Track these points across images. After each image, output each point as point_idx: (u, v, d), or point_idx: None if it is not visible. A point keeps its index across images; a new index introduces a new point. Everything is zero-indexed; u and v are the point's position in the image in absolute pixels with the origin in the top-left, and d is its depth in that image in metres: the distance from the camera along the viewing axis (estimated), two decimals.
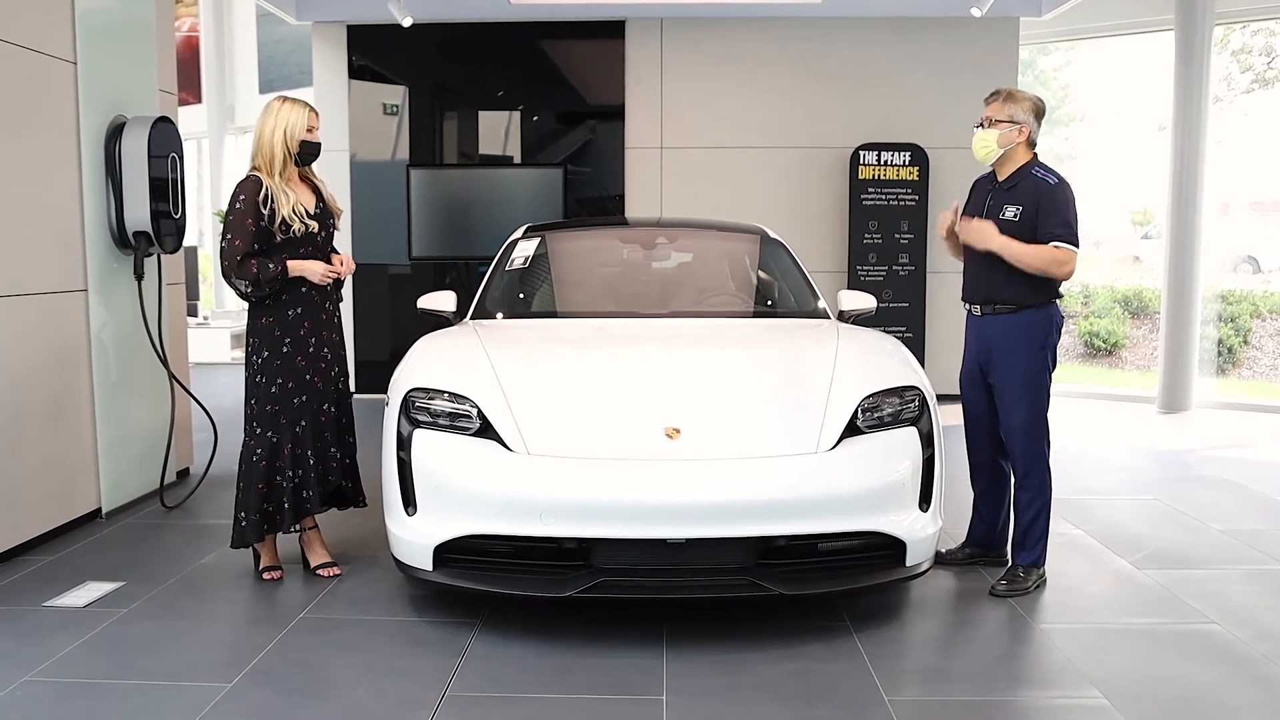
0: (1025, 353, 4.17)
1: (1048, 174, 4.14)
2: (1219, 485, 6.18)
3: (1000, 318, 4.21)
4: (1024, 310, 4.16)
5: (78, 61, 5.09)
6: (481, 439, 3.77)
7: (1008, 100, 4.17)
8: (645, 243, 5.70)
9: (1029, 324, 4.16)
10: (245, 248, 4.15)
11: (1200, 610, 4.00)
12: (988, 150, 4.18)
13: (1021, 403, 4.18)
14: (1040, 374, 4.18)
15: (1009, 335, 4.19)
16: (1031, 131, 4.17)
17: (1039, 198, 4.09)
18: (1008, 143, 4.15)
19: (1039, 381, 4.18)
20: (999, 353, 4.22)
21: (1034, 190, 4.11)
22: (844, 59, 9.16)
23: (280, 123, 4.24)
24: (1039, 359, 4.17)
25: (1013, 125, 4.14)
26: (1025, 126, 4.15)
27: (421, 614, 3.96)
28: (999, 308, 4.20)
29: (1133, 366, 11.00)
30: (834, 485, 3.63)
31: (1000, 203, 4.19)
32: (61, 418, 4.98)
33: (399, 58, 9.39)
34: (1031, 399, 4.18)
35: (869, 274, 8.97)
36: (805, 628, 3.77)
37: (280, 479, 4.26)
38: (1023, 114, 4.15)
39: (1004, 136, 4.15)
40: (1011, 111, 4.15)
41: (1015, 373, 4.18)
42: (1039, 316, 4.16)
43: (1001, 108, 4.17)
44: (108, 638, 3.72)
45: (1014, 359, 4.18)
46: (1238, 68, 11.34)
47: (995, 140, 4.15)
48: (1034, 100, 4.20)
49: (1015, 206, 4.13)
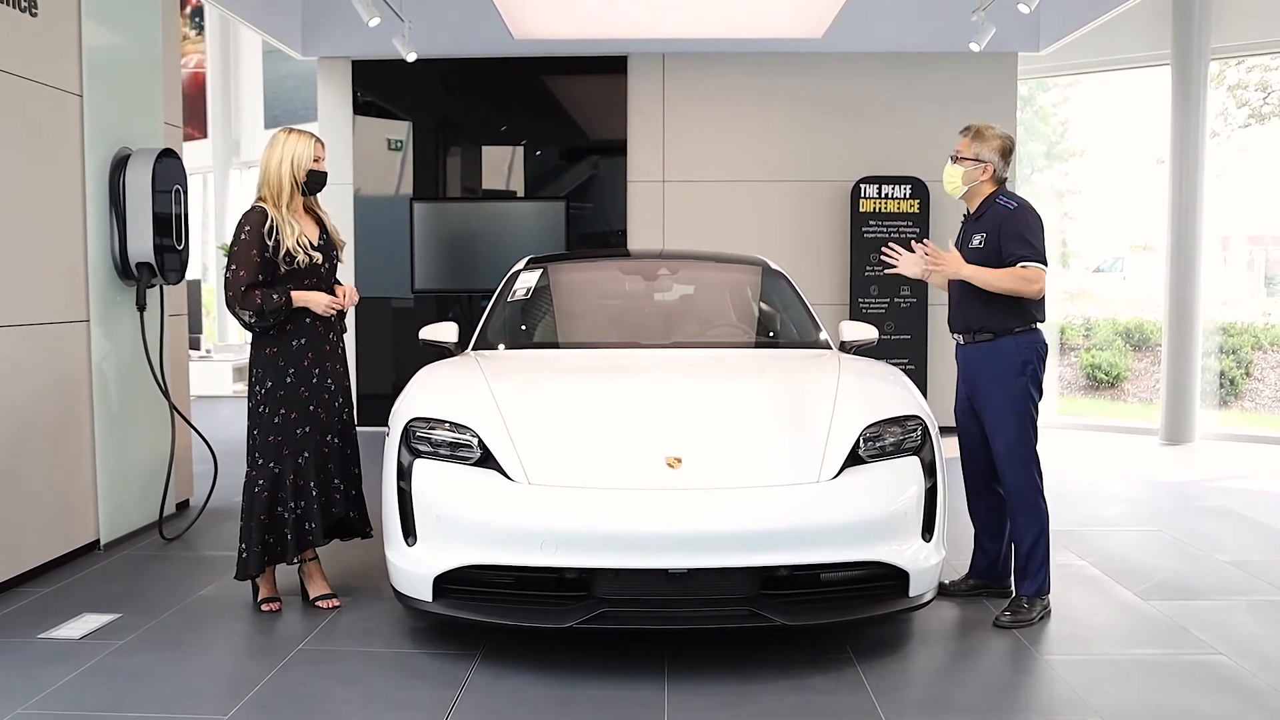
0: (1006, 379, 4.20)
1: (1009, 200, 4.26)
2: (1223, 516, 6.15)
3: (980, 345, 4.27)
4: (1002, 337, 4.21)
5: (84, 94, 5.14)
6: (482, 469, 3.76)
7: (975, 138, 4.29)
8: (647, 274, 5.71)
9: (1008, 350, 4.20)
10: (250, 278, 4.16)
11: (1206, 641, 3.97)
12: (954, 186, 4.34)
13: (1006, 428, 4.20)
14: (1022, 400, 4.20)
15: (989, 362, 4.24)
16: (996, 169, 4.28)
17: (1000, 223, 4.19)
18: (971, 180, 4.29)
19: (1022, 407, 4.20)
20: (981, 380, 4.28)
21: (995, 216, 4.23)
22: (845, 93, 9.24)
23: (287, 153, 4.27)
24: (1019, 385, 4.20)
25: (977, 163, 4.27)
26: (990, 165, 4.27)
27: (421, 646, 3.93)
28: (979, 335, 4.27)
29: (1135, 399, 10.97)
30: (836, 514, 3.61)
31: (969, 233, 4.34)
32: (61, 448, 4.98)
33: (403, 92, 9.46)
34: (1015, 424, 4.19)
35: (871, 306, 8.99)
36: (808, 659, 3.74)
37: (282, 510, 4.25)
38: (988, 153, 4.26)
39: (968, 174, 4.28)
40: (978, 150, 4.27)
41: (997, 399, 4.22)
42: (1018, 343, 4.20)
43: (969, 145, 4.29)
44: (103, 669, 3.69)
45: (995, 385, 4.22)
46: (1234, 103, 11.40)
47: (960, 177, 4.30)
48: (1002, 138, 4.29)
49: (981, 234, 4.25)
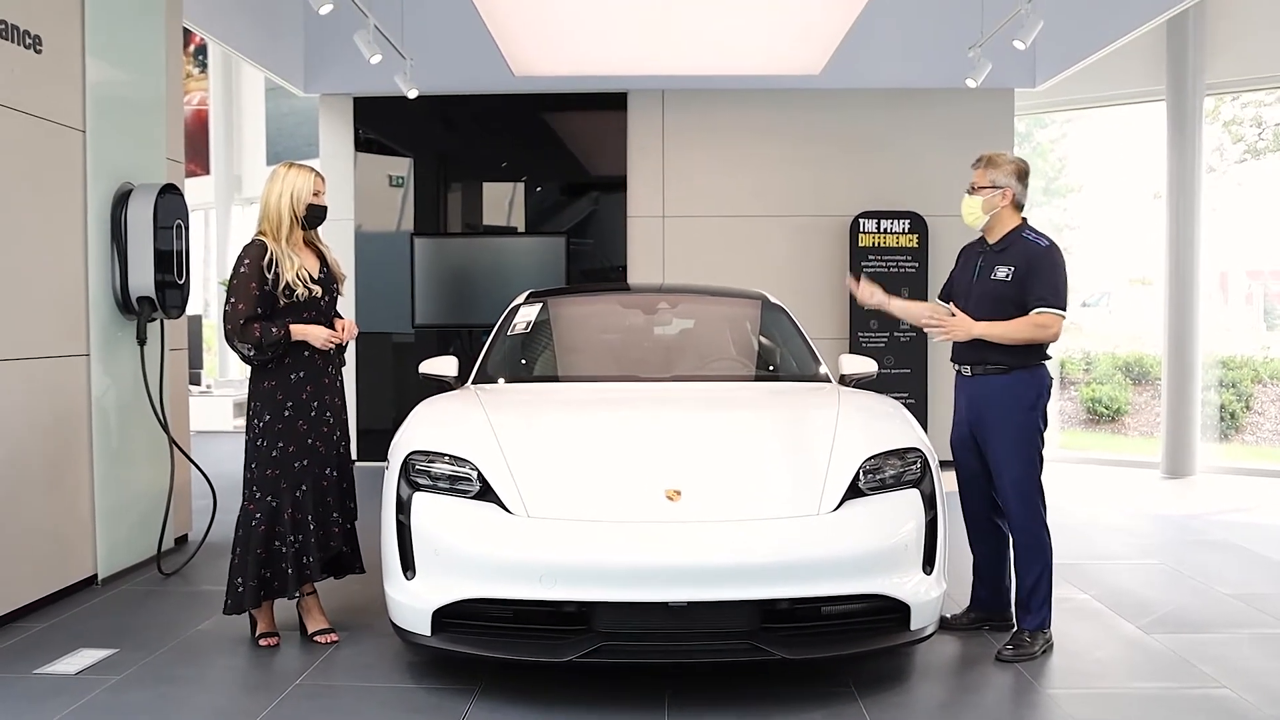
0: (1016, 413, 4.18)
1: (1039, 237, 4.22)
2: (1225, 549, 6.13)
3: (990, 378, 4.23)
4: (1014, 371, 4.18)
5: (87, 130, 5.17)
6: (481, 501, 3.74)
7: (989, 166, 4.27)
8: (646, 308, 5.72)
9: (1019, 384, 4.18)
10: (249, 311, 4.17)
11: (1210, 675, 3.94)
12: (975, 216, 4.29)
13: (1014, 462, 4.18)
14: (1031, 434, 4.19)
15: (999, 396, 4.21)
16: (1016, 194, 4.25)
17: (1031, 259, 4.16)
18: (991, 208, 4.24)
19: (1030, 441, 4.18)
20: (990, 413, 4.24)
21: (1026, 252, 4.18)
22: (843, 129, 9.30)
23: (287, 187, 4.29)
24: (1029, 419, 4.18)
25: (995, 190, 4.23)
26: (1008, 189, 4.23)
27: (419, 680, 3.90)
28: (990, 368, 4.23)
29: (1135, 433, 10.96)
30: (836, 547, 3.59)
31: (991, 264, 4.26)
32: (60, 482, 4.96)
33: (404, 129, 9.52)
34: (1023, 459, 4.18)
35: (870, 340, 9.00)
36: (809, 693, 3.71)
37: (280, 544, 4.23)
38: (1004, 177, 4.23)
39: (987, 202, 4.24)
40: (993, 176, 4.24)
41: (1006, 433, 4.19)
42: (1029, 377, 4.19)
43: (984, 174, 4.27)
44: (99, 705, 3.66)
45: (1005, 419, 4.20)
46: (1230, 138, 11.47)
47: (980, 206, 4.25)
48: (1016, 163, 4.28)
49: (1007, 267, 4.20)
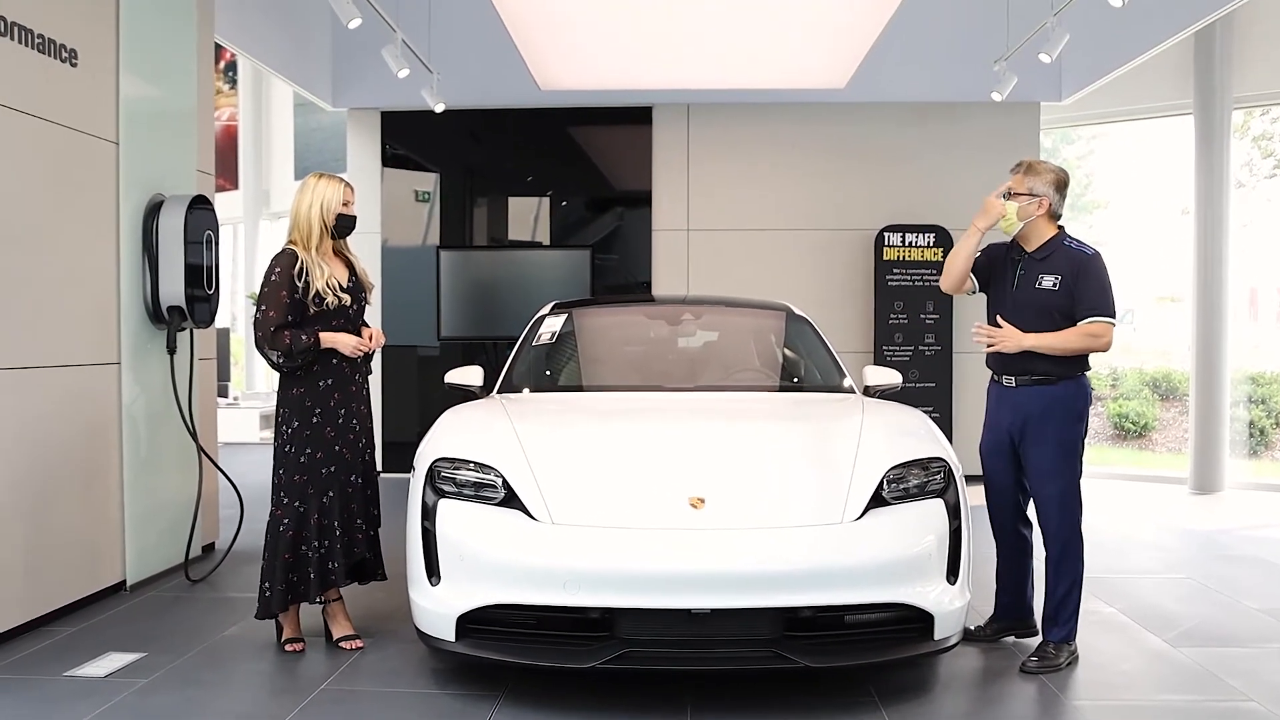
0: (1064, 424, 4.13)
1: (1083, 245, 4.18)
2: (1253, 564, 6.07)
3: (1037, 389, 4.16)
4: (1062, 381, 4.13)
5: (120, 142, 5.25)
6: (506, 508, 3.76)
7: (1028, 173, 4.21)
8: (671, 319, 5.75)
9: (1067, 395, 4.13)
10: (279, 319, 4.22)
11: (1237, 688, 3.90)
12: (1010, 223, 4.21)
13: (1059, 474, 4.13)
14: (1076, 444, 4.15)
15: (1048, 407, 4.14)
16: (1053, 204, 4.19)
17: (1077, 267, 4.10)
18: (1026, 216, 4.18)
19: (1074, 452, 4.15)
20: (1035, 424, 4.16)
21: (1071, 260, 4.13)
22: (868, 142, 9.31)
23: (317, 197, 4.35)
24: (1076, 430, 4.14)
25: (1032, 198, 4.17)
26: (1045, 199, 4.17)
27: (444, 687, 3.92)
28: (1036, 378, 4.16)
29: (1163, 449, 10.88)
30: (860, 555, 3.59)
31: (1035, 273, 4.18)
32: (90, 489, 5.02)
33: (431, 143, 9.60)
34: (1067, 471, 4.14)
35: (895, 354, 8.98)
36: (832, 703, 3.70)
37: (306, 549, 4.27)
38: (1042, 186, 4.18)
39: (1023, 210, 4.18)
40: (1031, 184, 4.18)
41: (1052, 444, 4.14)
42: (1075, 387, 4.14)
43: (1022, 180, 4.21)
44: (126, 707, 3.70)
45: (1051, 430, 4.14)
46: (1259, 154, 11.41)
47: (1015, 213, 4.18)
48: (1056, 172, 4.21)
49: (1054, 276, 4.13)
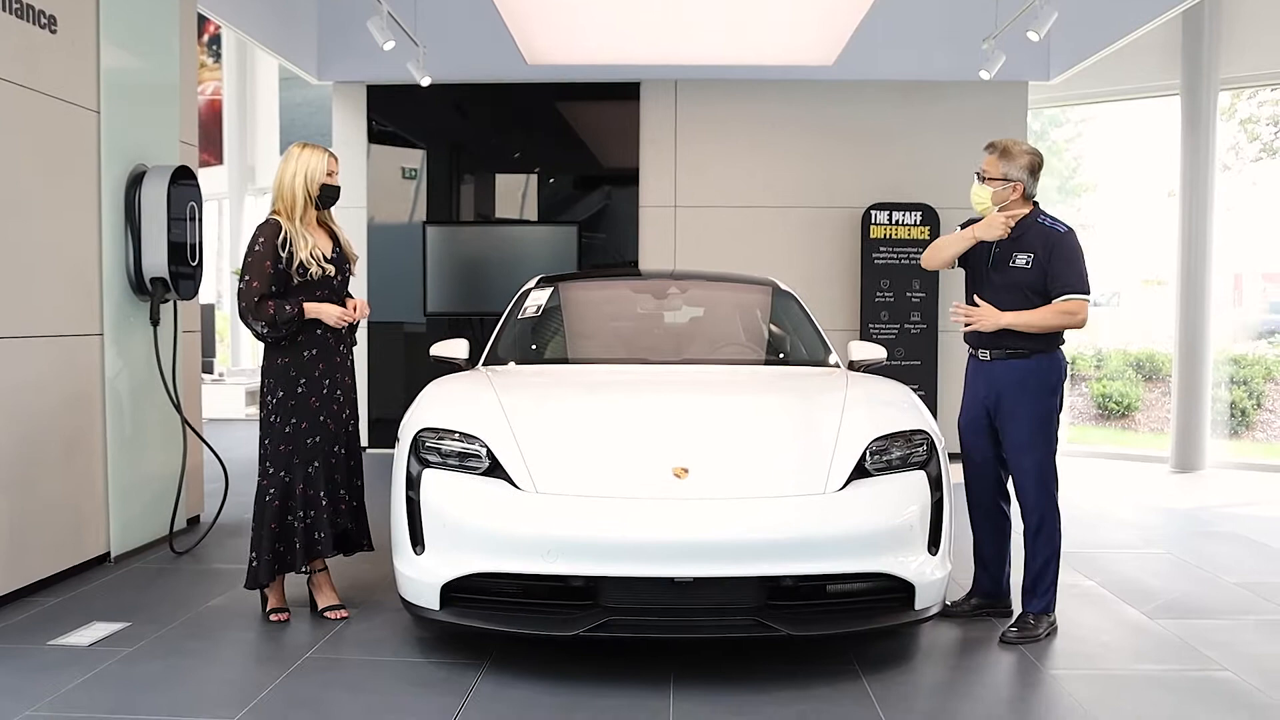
0: (1037, 397, 4.18)
1: (1055, 222, 4.20)
2: (1232, 540, 6.13)
3: (1011, 362, 4.21)
4: (1035, 355, 4.17)
5: (101, 111, 5.21)
6: (490, 478, 3.78)
7: (1003, 156, 4.22)
8: (657, 293, 5.75)
9: (1040, 368, 4.17)
10: (263, 289, 4.21)
11: (1213, 658, 3.96)
12: (983, 206, 4.27)
13: (1034, 447, 4.18)
14: (1050, 417, 4.19)
15: (1021, 380, 4.19)
16: (1026, 187, 4.21)
17: (1051, 245, 4.13)
18: (1001, 200, 4.21)
19: (1049, 426, 4.19)
20: (1009, 397, 4.21)
21: (1045, 238, 4.15)
22: (855, 120, 9.31)
23: (301, 167, 4.33)
24: (1049, 403, 4.19)
25: (1006, 183, 4.20)
26: (1019, 184, 4.20)
27: (428, 655, 3.94)
28: (1010, 352, 4.21)
29: (1146, 429, 10.96)
30: (842, 525, 3.62)
31: (1010, 252, 4.21)
32: (74, 460, 5.02)
33: (417, 118, 9.56)
34: (1042, 443, 4.18)
35: (881, 332, 9.01)
36: (813, 671, 3.73)
37: (292, 519, 4.28)
38: (1017, 171, 4.19)
39: (997, 194, 4.21)
40: (1006, 169, 4.20)
41: (1026, 417, 4.18)
42: (1048, 361, 4.18)
43: (996, 164, 4.22)
44: (111, 675, 3.71)
45: (1025, 403, 4.19)
46: (1245, 137, 11.44)
47: (990, 198, 4.22)
48: (1030, 155, 4.21)
49: (1027, 254, 4.16)
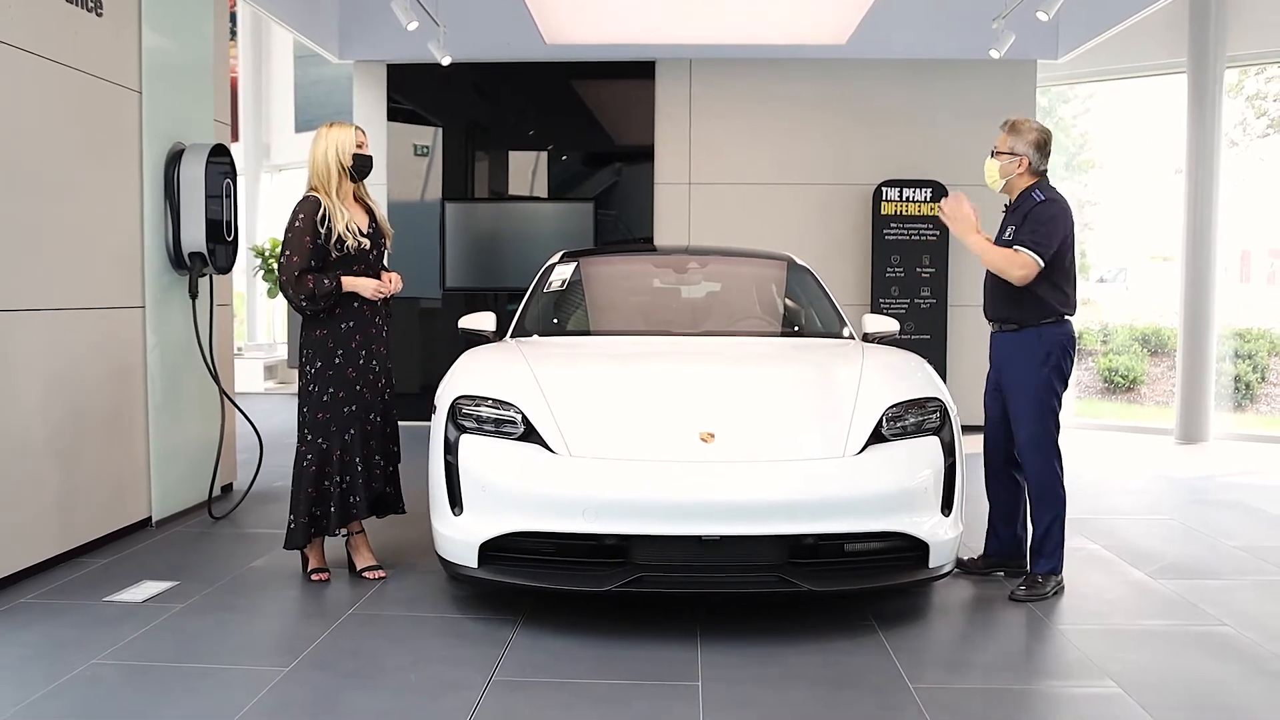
0: (1027, 369, 4.39)
1: (1040, 193, 4.41)
2: (1234, 507, 6.32)
3: (1007, 335, 4.47)
4: (1027, 329, 4.39)
5: (143, 91, 5.39)
6: (525, 443, 3.97)
7: (1011, 132, 4.46)
8: (677, 267, 5.94)
9: (1030, 342, 4.38)
10: (303, 264, 4.39)
11: (1213, 615, 4.16)
12: (992, 179, 4.51)
13: (1027, 418, 4.38)
14: (1044, 390, 4.37)
15: (1013, 352, 4.44)
16: (1033, 162, 4.42)
17: (1026, 212, 4.37)
18: (1007, 174, 4.45)
19: (1043, 397, 4.37)
20: (1006, 369, 4.48)
21: (1026, 207, 4.39)
22: (867, 98, 9.44)
23: (331, 142, 4.50)
24: (1042, 375, 4.37)
25: (1013, 157, 4.43)
26: (1024, 158, 4.41)
27: (465, 611, 4.15)
28: (1005, 326, 4.47)
29: (1151, 402, 11.12)
30: (860, 487, 3.82)
31: (1005, 224, 4.50)
32: (118, 428, 5.22)
33: (436, 97, 9.69)
34: (1037, 414, 4.37)
35: (891, 307, 9.17)
36: (833, 625, 3.94)
37: (328, 484, 4.47)
38: (1023, 146, 4.41)
39: (1004, 168, 4.45)
40: (1013, 144, 4.43)
41: (1020, 388, 4.41)
42: (1040, 334, 4.37)
43: (1005, 139, 4.46)
44: (168, 628, 3.92)
45: (1018, 375, 4.42)
46: (1253, 113, 11.51)
47: (997, 171, 4.47)
48: (1038, 131, 4.43)
49: (1012, 225, 4.42)
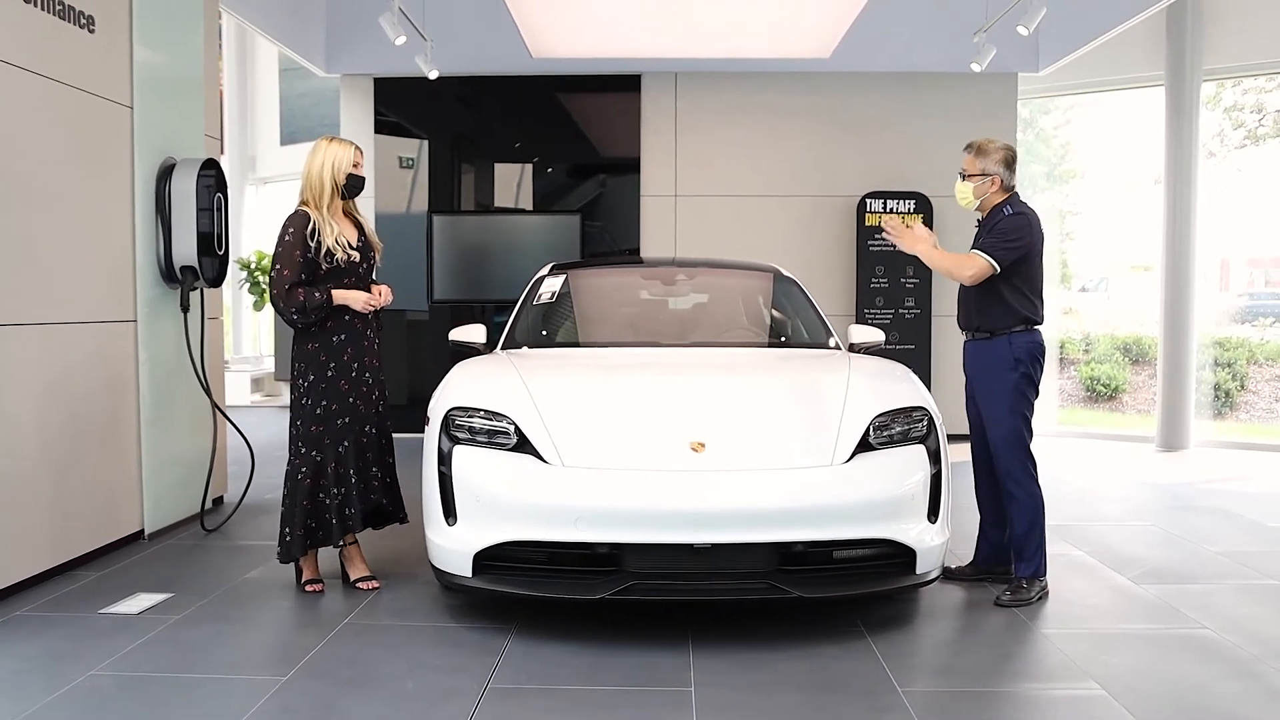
0: (998, 375, 4.48)
1: (1010, 207, 4.52)
2: (1214, 514, 6.42)
3: (977, 343, 4.58)
4: (997, 337, 4.49)
5: (134, 106, 5.43)
6: (518, 453, 4.03)
7: (979, 154, 4.56)
8: (665, 279, 6.01)
9: (998, 349, 4.49)
10: (293, 277, 4.44)
11: (1194, 618, 4.24)
12: (967, 200, 4.62)
13: (998, 421, 4.48)
14: (1013, 396, 4.45)
15: (982, 359, 4.56)
16: (1003, 180, 4.54)
17: (993, 225, 4.49)
18: (981, 194, 4.57)
19: (1012, 403, 4.46)
20: (976, 376, 4.59)
21: (994, 221, 4.51)
22: (851, 111, 9.55)
23: (328, 158, 4.55)
24: (1010, 381, 4.46)
25: (984, 177, 4.54)
26: (996, 177, 4.53)
27: (459, 620, 4.20)
28: (976, 334, 4.57)
29: (1133, 411, 11.24)
30: (848, 495, 3.89)
31: (978, 238, 4.60)
32: (110, 441, 5.24)
33: (423, 109, 9.76)
34: (1007, 418, 4.46)
35: (876, 317, 9.27)
36: (822, 631, 4.01)
37: (324, 496, 4.51)
38: (993, 166, 4.53)
39: (978, 189, 4.56)
40: (983, 165, 4.54)
41: (989, 394, 4.51)
42: (1010, 342, 4.47)
43: (974, 162, 4.57)
44: (164, 639, 3.95)
45: (987, 381, 4.52)
46: (1230, 124, 11.67)
47: (971, 192, 4.58)
48: (1003, 150, 4.55)
49: (981, 240, 4.54)
